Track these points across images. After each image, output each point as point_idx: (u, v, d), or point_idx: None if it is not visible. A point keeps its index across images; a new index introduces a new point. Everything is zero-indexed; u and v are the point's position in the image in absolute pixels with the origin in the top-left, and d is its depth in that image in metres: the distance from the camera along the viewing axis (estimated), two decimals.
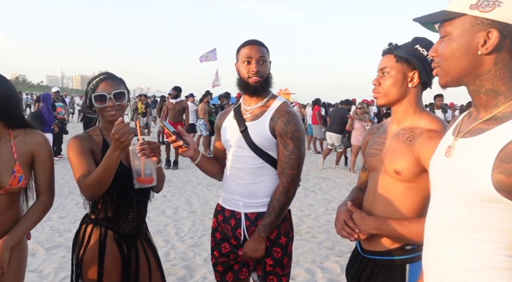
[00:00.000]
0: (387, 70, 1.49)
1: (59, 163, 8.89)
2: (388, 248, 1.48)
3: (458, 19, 0.95)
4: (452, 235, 0.96)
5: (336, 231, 1.58)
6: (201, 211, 5.48)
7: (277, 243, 1.92)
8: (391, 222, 1.42)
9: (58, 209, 5.35)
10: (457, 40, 0.96)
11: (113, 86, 1.80)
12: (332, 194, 6.99)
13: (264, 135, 1.89)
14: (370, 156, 1.60)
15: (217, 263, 2.07)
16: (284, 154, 1.87)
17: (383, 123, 1.68)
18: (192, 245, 4.24)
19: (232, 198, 1.99)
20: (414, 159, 1.39)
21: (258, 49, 1.90)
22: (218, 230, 2.06)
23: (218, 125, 2.14)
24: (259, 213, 1.93)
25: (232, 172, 1.98)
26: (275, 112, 1.90)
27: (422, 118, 1.47)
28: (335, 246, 4.36)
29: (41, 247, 4.01)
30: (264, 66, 1.91)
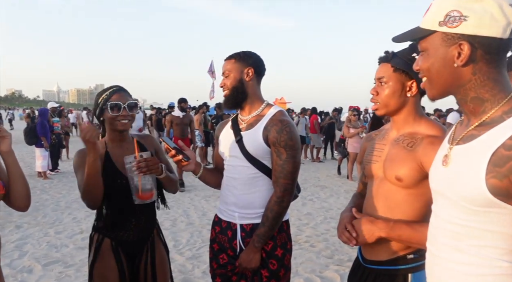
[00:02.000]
0: (384, 80, 1.49)
1: (56, 177, 8.85)
2: (390, 258, 1.47)
3: (431, 35, 1.00)
4: (454, 241, 0.97)
5: (337, 235, 1.57)
6: (199, 223, 5.45)
7: (273, 255, 1.91)
8: (402, 225, 1.40)
9: (55, 224, 5.30)
10: (433, 55, 1.01)
11: (125, 97, 1.91)
12: (330, 202, 6.97)
13: (257, 144, 1.88)
14: (369, 163, 1.59)
15: (215, 274, 2.05)
16: (277, 163, 1.85)
17: (381, 129, 1.68)
18: (191, 257, 4.20)
19: (228, 208, 1.98)
20: (416, 165, 1.39)
21: (224, 65, 1.97)
22: (215, 241, 2.06)
23: (217, 135, 2.16)
24: (254, 225, 1.91)
25: (228, 182, 1.98)
26: (269, 121, 1.90)
27: (421, 124, 1.48)
28: (334, 255, 4.33)
29: (37, 263, 3.96)
30: (228, 79, 1.93)
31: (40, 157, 8.56)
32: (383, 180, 1.50)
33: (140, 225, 1.96)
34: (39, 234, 4.89)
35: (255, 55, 1.99)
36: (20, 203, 1.68)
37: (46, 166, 8.68)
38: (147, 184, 1.83)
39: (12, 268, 3.84)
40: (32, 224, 5.30)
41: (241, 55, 1.95)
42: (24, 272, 3.78)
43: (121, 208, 1.92)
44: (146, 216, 1.98)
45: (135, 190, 1.82)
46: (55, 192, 7.28)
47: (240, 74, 1.92)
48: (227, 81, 1.93)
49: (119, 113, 1.86)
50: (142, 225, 1.97)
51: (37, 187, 7.68)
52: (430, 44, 1.01)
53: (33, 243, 4.58)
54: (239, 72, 1.92)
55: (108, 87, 1.95)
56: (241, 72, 1.93)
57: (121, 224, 1.93)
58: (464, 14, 0.93)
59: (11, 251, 4.29)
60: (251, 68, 1.94)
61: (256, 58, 1.98)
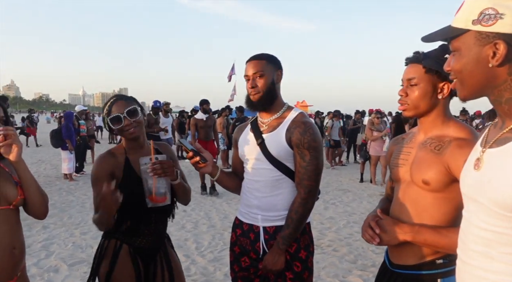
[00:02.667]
0: (415, 81, 1.45)
1: (81, 179, 9.05)
2: (418, 262, 1.43)
3: (464, 35, 0.96)
4: (485, 248, 0.93)
5: (361, 234, 1.55)
6: (221, 225, 5.46)
7: (296, 257, 1.89)
8: (428, 230, 1.36)
9: (80, 225, 5.42)
10: (466, 55, 0.97)
11: (124, 105, 1.85)
12: (353, 206, 6.87)
13: (280, 147, 1.87)
14: (395, 166, 1.56)
15: (237, 277, 2.04)
16: (301, 165, 1.84)
17: (409, 133, 1.64)
18: (212, 259, 4.21)
19: (250, 211, 1.97)
20: (443, 168, 1.35)
21: (253, 65, 1.90)
22: (237, 244, 2.05)
23: (235, 139, 2.14)
24: (277, 227, 1.90)
25: (250, 184, 1.97)
26: (291, 123, 1.89)
27: (450, 127, 1.44)
28: (358, 260, 4.26)
29: (64, 263, 4.05)
30: (262, 80, 1.88)
31: (66, 159, 8.77)
32: (410, 184, 1.46)
33: (156, 232, 1.94)
34: (65, 235, 5.00)
35: (278, 59, 2.00)
36: (35, 211, 1.69)
37: (71, 168, 8.90)
38: (161, 187, 1.81)
39: (39, 268, 3.93)
40: (58, 224, 5.43)
41: (271, 57, 1.94)
42: (50, 271, 3.86)
43: (140, 214, 1.88)
44: (162, 223, 1.97)
45: (148, 192, 1.79)
46: (80, 194, 7.45)
47: (272, 76, 1.92)
48: (260, 82, 1.88)
49: (122, 125, 1.83)
50: (159, 232, 1.95)
51: (63, 189, 7.87)
52: (463, 44, 0.97)
53: (59, 243, 4.69)
54: (272, 73, 1.91)
55: (108, 99, 1.92)
56: (273, 74, 1.92)
57: (138, 230, 1.89)
58: (500, 12, 0.89)
59: (38, 250, 4.40)
60: (280, 70, 1.95)
61: (280, 62, 1.99)
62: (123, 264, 1.86)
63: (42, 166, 11.07)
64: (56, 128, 9.21)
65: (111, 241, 1.90)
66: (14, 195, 1.61)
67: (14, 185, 1.64)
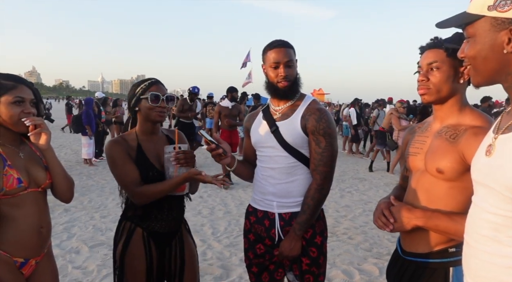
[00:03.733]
0: (437, 65, 1.43)
1: (101, 164, 9.24)
2: (430, 250, 1.43)
3: (479, 21, 0.96)
4: (493, 233, 0.94)
5: (373, 221, 1.55)
6: (237, 212, 5.53)
7: (312, 243, 1.91)
8: (440, 215, 1.36)
9: (100, 209, 5.56)
10: (481, 41, 0.96)
11: (163, 90, 1.93)
12: (369, 195, 6.85)
13: (296, 134, 1.88)
14: (410, 155, 1.55)
15: (252, 264, 2.07)
16: (316, 151, 1.86)
17: (425, 121, 1.63)
18: (228, 245, 4.28)
19: (265, 198, 1.98)
20: (458, 157, 1.34)
21: (285, 53, 1.88)
22: (251, 231, 2.06)
23: (247, 127, 2.14)
24: (293, 213, 1.92)
25: (265, 172, 1.98)
26: (306, 110, 1.90)
27: (466, 115, 1.42)
28: (373, 248, 4.26)
29: (85, 245, 4.17)
30: (292, 69, 1.89)
31: (86, 144, 8.96)
32: (424, 173, 1.46)
33: (171, 217, 1.96)
34: (86, 218, 5.14)
35: None
36: (61, 195, 1.79)
37: (91, 153, 9.08)
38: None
39: (62, 249, 4.07)
40: (79, 208, 5.58)
41: (291, 46, 1.94)
42: (72, 252, 3.99)
43: (161, 201, 1.91)
44: (176, 209, 1.99)
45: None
46: (99, 178, 7.62)
47: (296, 65, 1.95)
48: (291, 72, 1.89)
49: (158, 105, 1.86)
50: (172, 217, 1.97)
51: (83, 173, 8.07)
52: (478, 30, 0.96)
53: (80, 226, 4.83)
54: (296, 63, 1.94)
55: (146, 78, 1.96)
56: (296, 63, 1.95)
57: (152, 215, 1.93)
58: None
59: (60, 232, 4.55)
60: (296, 59, 1.97)
61: None
62: (136, 247, 1.90)
63: (63, 150, 11.33)
64: (77, 114, 9.39)
65: (126, 223, 1.95)
66: (43, 178, 1.70)
67: (44, 169, 1.72)
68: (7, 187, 1.55)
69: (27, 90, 1.65)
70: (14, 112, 1.59)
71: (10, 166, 1.59)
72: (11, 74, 1.67)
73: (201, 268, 3.59)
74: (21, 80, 1.68)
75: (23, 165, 1.65)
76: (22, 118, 1.61)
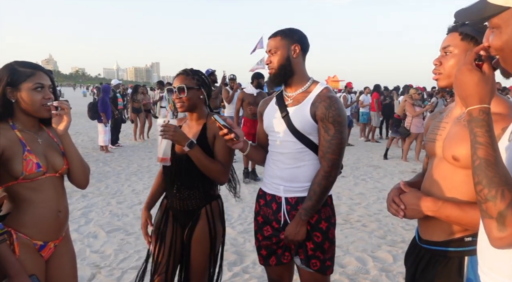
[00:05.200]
0: (450, 49, 1.40)
1: (117, 151, 9.37)
2: (446, 239, 1.41)
3: (505, 12, 0.91)
4: None
5: (387, 208, 1.54)
6: (250, 199, 5.56)
7: (317, 228, 1.94)
8: (451, 206, 1.34)
9: (116, 195, 5.66)
10: (508, 32, 0.92)
11: (180, 81, 2.07)
12: (383, 182, 6.80)
13: (305, 120, 1.91)
14: (429, 141, 1.53)
15: (261, 246, 2.11)
16: (325, 139, 1.87)
17: (447, 107, 1.59)
18: (242, 231, 4.32)
19: (273, 182, 2.02)
20: None
21: (269, 42, 1.98)
22: (260, 214, 2.11)
23: (260, 112, 2.18)
24: (299, 198, 1.95)
25: (274, 156, 2.02)
26: (316, 97, 1.91)
27: None
28: (387, 236, 4.25)
29: (102, 230, 4.27)
30: (274, 57, 1.94)
31: (102, 131, 9.08)
32: (442, 160, 1.43)
33: (178, 196, 2.09)
34: (102, 203, 5.24)
35: (300, 32, 1.99)
36: (77, 181, 1.83)
37: (107, 140, 9.21)
38: (167, 148, 1.98)
39: (80, 233, 4.17)
40: (96, 193, 5.69)
41: (286, 32, 1.95)
42: (90, 237, 4.09)
43: (168, 178, 2.14)
44: (186, 190, 2.09)
45: (158, 152, 1.98)
46: (115, 165, 7.73)
47: (287, 51, 1.94)
48: (273, 59, 1.95)
49: (172, 97, 2.06)
50: (182, 196, 2.09)
51: (99, 160, 8.20)
52: (504, 21, 0.92)
53: (97, 211, 4.93)
54: (286, 49, 1.93)
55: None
56: (288, 50, 1.94)
57: (169, 192, 2.16)
58: None
59: (78, 217, 4.65)
60: (297, 44, 1.95)
61: (301, 34, 1.98)
62: (159, 214, 2.22)
63: (80, 137, 11.51)
64: (93, 101, 9.50)
65: (163, 200, 2.25)
66: (61, 164, 1.74)
67: (61, 155, 1.76)
68: (27, 171, 1.59)
69: (45, 77, 1.69)
70: (36, 98, 1.64)
71: (29, 151, 1.63)
72: (28, 62, 1.70)
73: None
74: (39, 67, 1.72)
75: (42, 150, 1.69)
76: (44, 104, 1.65)
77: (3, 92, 1.61)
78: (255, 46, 15.43)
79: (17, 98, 1.63)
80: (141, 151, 9.53)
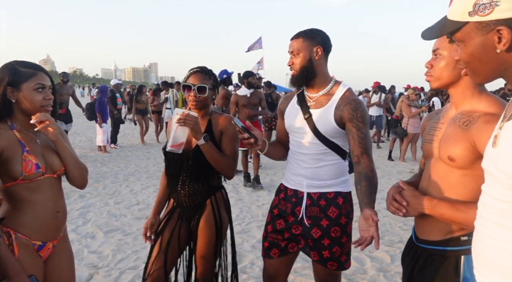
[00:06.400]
0: (439, 52, 1.44)
1: (114, 151, 9.36)
2: (442, 238, 1.43)
3: (464, 26, 0.95)
4: (501, 219, 0.94)
5: (386, 207, 1.55)
6: (248, 199, 5.56)
7: (337, 223, 1.98)
8: (445, 205, 1.36)
9: (114, 195, 5.65)
10: (471, 45, 0.96)
11: (199, 79, 2.05)
12: (381, 183, 6.75)
13: (328, 124, 1.93)
14: (426, 142, 1.55)
15: (267, 237, 2.13)
16: (360, 136, 1.90)
17: (443, 108, 1.61)
18: (240, 231, 4.32)
19: (296, 179, 2.06)
20: (469, 144, 1.32)
21: (291, 44, 1.98)
22: (277, 207, 2.13)
23: (281, 109, 2.19)
24: (322, 193, 1.99)
25: (296, 156, 2.05)
26: (340, 101, 1.94)
27: (481, 101, 1.39)
28: (385, 236, 4.27)
29: (100, 230, 4.26)
30: (296, 59, 1.95)
31: (100, 131, 9.06)
32: (438, 160, 1.45)
33: (184, 193, 2.10)
34: (100, 204, 5.24)
35: (323, 33, 1.98)
36: (74, 182, 1.83)
37: (105, 140, 9.19)
38: (179, 137, 1.95)
39: (77, 234, 4.17)
40: (93, 194, 5.69)
41: (309, 34, 1.95)
42: (88, 237, 4.09)
43: (173, 174, 2.13)
44: (191, 185, 2.10)
45: (171, 139, 1.96)
46: (113, 165, 7.72)
47: (310, 53, 1.94)
48: (296, 61, 1.95)
49: (190, 94, 2.03)
50: (187, 192, 2.10)
51: (97, 160, 8.19)
52: (465, 35, 0.96)
53: (95, 211, 4.92)
54: (309, 51, 1.94)
55: (193, 67, 2.12)
56: (310, 52, 1.94)
57: (174, 189, 2.15)
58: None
59: (76, 218, 4.64)
60: (320, 46, 1.94)
61: (324, 35, 1.98)
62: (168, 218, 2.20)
63: (77, 138, 11.48)
64: (91, 101, 9.47)
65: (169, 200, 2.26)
66: (59, 165, 1.75)
67: (59, 156, 1.76)
68: (26, 172, 1.59)
69: (46, 77, 1.69)
70: (37, 99, 1.64)
71: (28, 152, 1.63)
72: (29, 62, 1.70)
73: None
74: (39, 67, 1.72)
75: (40, 151, 1.69)
76: (44, 105, 1.66)
77: (4, 92, 1.61)
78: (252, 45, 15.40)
79: (17, 99, 1.63)
80: (139, 151, 9.52)
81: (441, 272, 1.41)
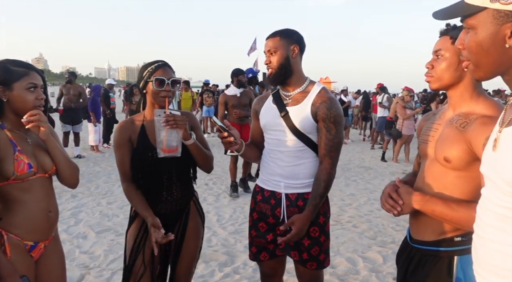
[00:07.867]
0: (441, 53, 1.43)
1: (107, 151, 9.29)
2: (436, 239, 1.43)
3: (480, 13, 0.92)
4: (501, 223, 0.94)
5: (381, 205, 1.55)
6: (242, 199, 5.55)
7: (316, 223, 1.98)
8: (437, 201, 1.37)
9: (106, 195, 5.61)
10: (482, 34, 0.92)
11: (169, 73, 1.93)
12: (374, 183, 6.84)
13: (305, 120, 1.95)
14: (422, 143, 1.56)
15: (253, 242, 2.14)
16: (328, 138, 1.93)
17: (440, 109, 1.62)
18: (233, 232, 4.31)
19: (272, 179, 2.05)
20: (465, 146, 1.32)
21: (267, 43, 1.99)
22: (255, 210, 2.13)
23: (256, 109, 2.19)
24: (299, 194, 1.99)
25: (273, 154, 2.05)
26: (316, 98, 1.96)
27: (478, 103, 1.39)
28: (377, 236, 4.28)
29: (91, 231, 4.23)
30: (274, 57, 1.96)
31: (92, 131, 9.01)
32: (434, 161, 1.45)
33: (172, 198, 1.97)
34: (92, 204, 5.20)
35: (298, 33, 2.03)
36: (65, 181, 1.82)
37: (97, 140, 9.13)
38: (173, 140, 1.82)
39: (69, 234, 4.13)
40: (86, 194, 5.64)
41: (285, 33, 1.99)
42: (79, 238, 4.05)
43: (152, 181, 1.94)
44: (178, 190, 1.99)
45: (160, 144, 1.81)
46: (106, 165, 7.67)
47: (287, 51, 1.97)
48: (273, 59, 1.97)
49: (162, 89, 1.86)
50: (174, 198, 1.98)
51: (90, 160, 8.14)
52: (479, 22, 0.92)
53: (87, 211, 4.89)
54: (286, 49, 1.97)
55: (154, 61, 1.96)
56: (287, 50, 1.97)
57: (152, 197, 1.95)
58: None
59: (67, 218, 4.60)
60: (296, 45, 1.99)
61: (299, 35, 2.03)
62: (136, 227, 2.02)
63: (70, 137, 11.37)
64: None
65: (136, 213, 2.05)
66: (50, 165, 1.73)
67: (50, 156, 1.74)
68: (18, 172, 1.57)
69: (38, 77, 1.67)
70: (29, 98, 1.62)
71: (20, 151, 1.61)
72: (21, 61, 1.68)
73: (206, 254, 3.63)
74: (32, 66, 1.70)
75: (31, 151, 1.68)
76: (36, 104, 1.64)
77: None
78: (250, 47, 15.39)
79: (8, 98, 1.61)
80: None
81: (434, 272, 1.42)
